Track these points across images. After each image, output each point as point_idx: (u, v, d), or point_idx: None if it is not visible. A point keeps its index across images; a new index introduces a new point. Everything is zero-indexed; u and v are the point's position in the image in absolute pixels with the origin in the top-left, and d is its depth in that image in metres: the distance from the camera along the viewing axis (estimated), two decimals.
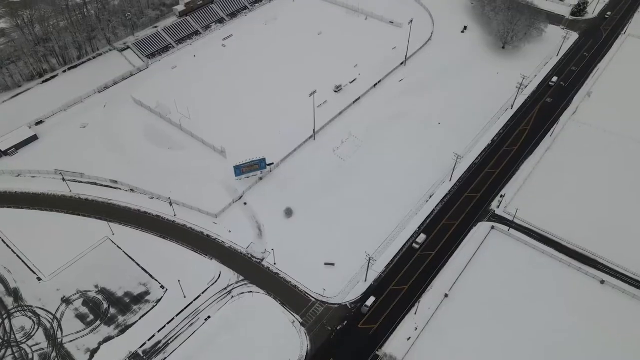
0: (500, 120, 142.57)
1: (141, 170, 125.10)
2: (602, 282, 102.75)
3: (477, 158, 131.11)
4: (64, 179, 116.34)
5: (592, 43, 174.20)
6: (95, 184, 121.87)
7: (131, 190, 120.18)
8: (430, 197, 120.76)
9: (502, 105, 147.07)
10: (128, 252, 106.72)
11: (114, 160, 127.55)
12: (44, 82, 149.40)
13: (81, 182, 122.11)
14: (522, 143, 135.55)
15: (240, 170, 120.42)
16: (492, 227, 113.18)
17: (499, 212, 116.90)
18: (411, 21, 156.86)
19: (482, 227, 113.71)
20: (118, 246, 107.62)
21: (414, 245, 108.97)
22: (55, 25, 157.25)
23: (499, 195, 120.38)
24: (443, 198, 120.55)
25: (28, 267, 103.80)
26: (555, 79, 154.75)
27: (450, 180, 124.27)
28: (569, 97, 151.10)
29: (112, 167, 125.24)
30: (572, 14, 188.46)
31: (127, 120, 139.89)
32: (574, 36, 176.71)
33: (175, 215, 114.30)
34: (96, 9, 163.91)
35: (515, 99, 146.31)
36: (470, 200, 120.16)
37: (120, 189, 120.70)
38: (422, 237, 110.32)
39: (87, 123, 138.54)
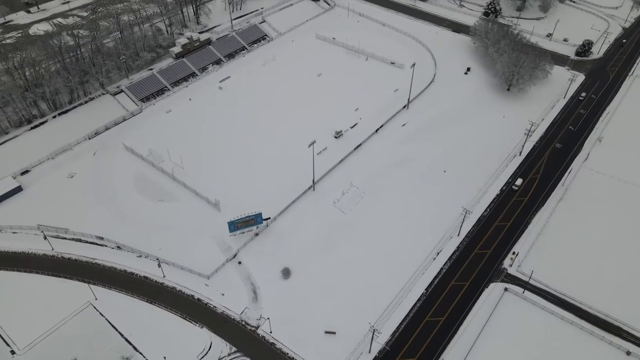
0: (508, 168, 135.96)
1: (130, 224, 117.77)
2: (628, 353, 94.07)
3: (485, 210, 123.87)
4: (45, 238, 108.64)
5: (600, 84, 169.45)
6: (80, 240, 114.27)
7: (118, 247, 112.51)
8: (438, 254, 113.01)
9: (509, 151, 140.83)
10: (111, 319, 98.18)
11: (101, 213, 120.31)
12: (32, 128, 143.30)
13: (65, 238, 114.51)
14: (533, 193, 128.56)
15: (234, 225, 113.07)
16: (506, 289, 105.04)
17: (511, 271, 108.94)
18: (413, 65, 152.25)
19: (494, 289, 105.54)
20: (101, 313, 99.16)
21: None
22: (47, 68, 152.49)
23: (511, 252, 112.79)
24: (451, 255, 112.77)
25: (2, 338, 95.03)
26: (519, 181, 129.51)
27: (458, 235, 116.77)
28: (579, 142, 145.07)
29: (99, 221, 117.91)
30: (577, 54, 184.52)
31: (117, 169, 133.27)
32: (580, 77, 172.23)
33: (164, 277, 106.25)
34: (90, 51, 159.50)
35: (524, 146, 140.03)
36: (480, 258, 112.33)
37: (106, 245, 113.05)
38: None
39: (75, 172, 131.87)
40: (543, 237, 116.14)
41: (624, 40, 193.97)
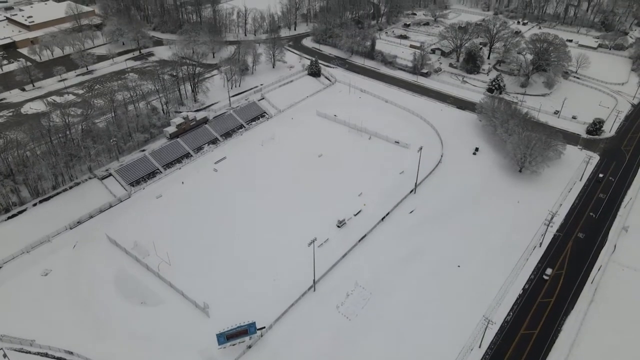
0: (529, 262, 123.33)
1: (105, 334, 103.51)
2: None
3: (508, 314, 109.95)
4: (4, 356, 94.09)
5: (616, 166, 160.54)
6: (47, 355, 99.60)
7: None
8: None
9: (528, 243, 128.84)
10: None
11: (74, 320, 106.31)
12: (9, 217, 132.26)
13: (29, 352, 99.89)
14: (559, 293, 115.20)
15: (224, 337, 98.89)
16: None
17: None
18: (420, 149, 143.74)
19: None
20: None
21: None
22: (33, 151, 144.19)
23: None
24: None
25: None
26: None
27: (479, 347, 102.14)
28: (604, 231, 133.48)
29: (71, 330, 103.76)
30: (588, 132, 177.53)
31: (97, 264, 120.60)
32: (594, 157, 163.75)
33: None
34: (80, 132, 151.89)
35: (544, 237, 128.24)
36: None
37: None
38: None
39: (51, 269, 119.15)
40: (577, 350, 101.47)
41: (600, 175, 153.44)
